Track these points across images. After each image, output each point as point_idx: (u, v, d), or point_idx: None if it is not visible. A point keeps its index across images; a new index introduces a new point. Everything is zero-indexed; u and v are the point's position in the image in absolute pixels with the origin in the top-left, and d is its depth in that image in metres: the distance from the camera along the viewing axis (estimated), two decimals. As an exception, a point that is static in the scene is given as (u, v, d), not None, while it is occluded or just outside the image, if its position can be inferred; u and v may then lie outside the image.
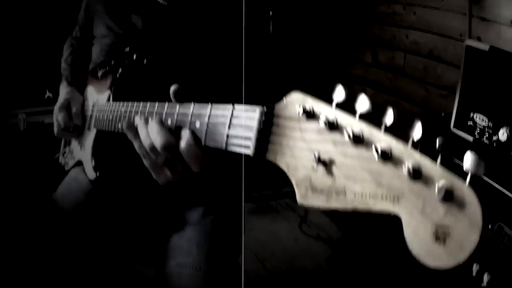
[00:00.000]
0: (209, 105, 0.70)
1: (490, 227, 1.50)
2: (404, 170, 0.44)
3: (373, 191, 0.46)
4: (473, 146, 1.66)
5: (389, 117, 0.48)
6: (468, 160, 0.43)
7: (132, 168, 1.23)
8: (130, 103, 0.96)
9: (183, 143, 0.72)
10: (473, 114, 1.67)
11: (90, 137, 1.21)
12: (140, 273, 1.40)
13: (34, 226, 1.18)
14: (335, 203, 0.49)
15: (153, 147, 0.76)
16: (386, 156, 0.45)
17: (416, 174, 0.43)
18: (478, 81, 1.68)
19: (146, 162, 0.80)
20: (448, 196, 0.42)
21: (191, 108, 0.74)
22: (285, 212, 2.86)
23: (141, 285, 1.47)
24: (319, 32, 3.19)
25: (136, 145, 0.81)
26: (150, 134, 0.77)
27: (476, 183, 0.43)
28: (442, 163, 0.44)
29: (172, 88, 0.78)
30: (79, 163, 1.32)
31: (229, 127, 0.64)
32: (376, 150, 0.46)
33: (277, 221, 2.76)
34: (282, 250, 2.46)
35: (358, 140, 0.48)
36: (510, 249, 1.43)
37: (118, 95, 1.14)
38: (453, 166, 0.44)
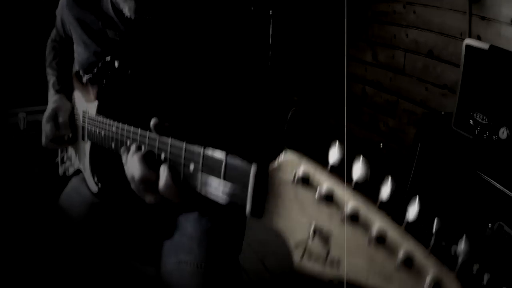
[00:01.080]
0: (201, 149, 0.69)
1: (490, 226, 1.50)
2: (398, 257, 0.44)
3: (365, 270, 0.47)
4: (473, 145, 1.66)
5: (386, 190, 0.47)
6: (460, 247, 0.46)
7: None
8: (120, 125, 0.95)
9: (161, 183, 0.76)
10: (473, 113, 1.67)
11: (86, 148, 1.19)
12: (141, 272, 1.40)
13: (34, 227, 1.19)
14: (329, 274, 0.50)
15: (131, 178, 0.81)
16: (380, 240, 0.46)
17: (408, 262, 0.44)
18: (478, 80, 1.68)
19: (132, 185, 0.85)
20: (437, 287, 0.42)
21: (183, 149, 0.73)
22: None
23: (142, 284, 1.47)
24: (319, 32, 3.19)
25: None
26: (129, 167, 0.81)
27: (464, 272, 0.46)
28: (434, 249, 0.45)
29: (152, 122, 0.80)
30: (78, 172, 1.31)
31: (224, 177, 0.63)
32: (372, 234, 0.46)
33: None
34: (282, 248, 2.46)
35: (354, 218, 0.47)
36: (510, 249, 1.43)
37: (104, 107, 1.12)
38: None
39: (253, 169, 0.58)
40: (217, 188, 0.65)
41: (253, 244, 2.40)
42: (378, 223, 0.46)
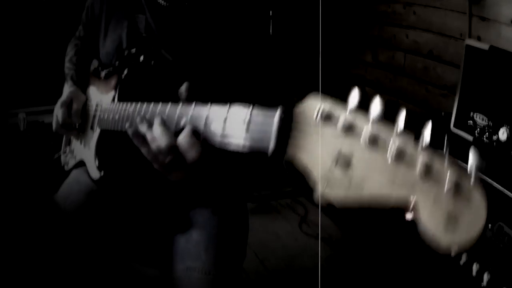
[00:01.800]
0: (227, 106, 0.71)
1: (490, 227, 1.50)
2: (416, 169, 0.49)
3: (388, 187, 0.50)
4: (473, 146, 1.66)
5: (402, 119, 0.52)
6: (472, 157, 0.48)
7: (136, 168, 1.23)
8: (138, 104, 0.96)
9: (181, 136, 0.76)
10: (473, 113, 1.67)
11: (93, 137, 1.21)
12: (142, 273, 1.40)
13: (34, 227, 1.18)
14: (353, 197, 0.53)
15: (159, 150, 0.79)
16: (399, 156, 0.50)
17: (428, 171, 0.48)
18: (478, 81, 1.68)
19: (156, 165, 0.83)
20: (457, 189, 0.47)
21: (207, 109, 0.75)
22: (285, 212, 2.86)
23: (143, 285, 1.47)
24: (319, 32, 3.19)
25: (143, 151, 0.83)
26: (156, 137, 0.80)
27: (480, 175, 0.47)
28: (448, 159, 0.49)
29: (183, 87, 0.80)
30: (79, 164, 1.31)
31: (247, 130, 0.66)
32: (391, 152, 0.50)
33: (277, 221, 2.76)
34: (282, 249, 2.47)
35: (373, 142, 0.52)
36: (510, 249, 1.43)
37: (123, 96, 1.14)
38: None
39: (278, 111, 0.62)
40: (240, 137, 0.67)
41: (253, 244, 2.40)
42: (396, 142, 0.50)
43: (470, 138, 1.68)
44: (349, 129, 0.54)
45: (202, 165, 0.80)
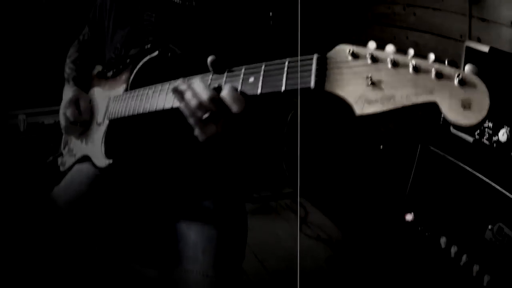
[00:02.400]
0: (262, 64, 0.82)
1: (490, 228, 1.50)
2: (432, 74, 0.67)
3: (414, 91, 0.67)
4: (473, 147, 1.66)
5: (411, 52, 0.69)
6: (468, 66, 0.66)
7: (142, 158, 1.24)
8: (159, 84, 1.00)
9: (224, 91, 0.83)
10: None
11: (100, 129, 1.23)
12: (141, 274, 1.40)
13: (34, 226, 1.18)
14: (388, 105, 0.69)
15: (199, 103, 0.85)
16: (417, 69, 0.68)
17: (440, 75, 0.67)
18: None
19: (191, 120, 0.88)
20: (463, 82, 0.65)
21: (241, 70, 0.85)
22: (285, 213, 2.86)
23: (142, 285, 1.47)
24: (319, 32, 3.19)
25: (182, 105, 0.88)
26: (197, 92, 0.85)
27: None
28: (452, 63, 0.67)
29: (210, 58, 0.86)
30: (80, 160, 1.32)
31: (287, 72, 0.78)
32: (412, 66, 0.68)
33: (277, 222, 2.76)
34: (282, 250, 2.46)
35: (396, 64, 0.69)
36: (510, 250, 1.43)
37: (135, 87, 1.15)
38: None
39: (315, 55, 0.76)
40: (281, 79, 0.79)
41: (252, 246, 2.40)
42: (413, 60, 0.68)
43: (470, 139, 1.69)
44: (375, 59, 0.71)
45: (241, 118, 0.86)
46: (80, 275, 1.14)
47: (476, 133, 1.66)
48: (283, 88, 0.78)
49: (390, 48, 0.71)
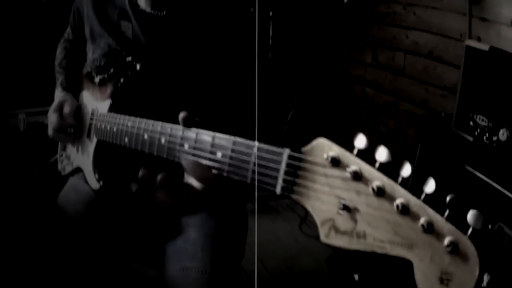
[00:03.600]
0: (232, 139, 0.72)
1: (490, 227, 1.50)
2: (419, 224, 0.52)
3: (391, 238, 0.54)
4: (473, 147, 1.66)
5: (406, 171, 0.55)
6: (471, 216, 0.53)
7: (134, 175, 1.23)
8: (138, 120, 0.96)
9: (187, 177, 0.79)
10: (473, 114, 1.67)
11: (91, 146, 1.20)
12: (142, 274, 1.40)
13: (34, 228, 1.18)
14: (356, 245, 0.57)
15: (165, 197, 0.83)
16: (405, 210, 0.53)
17: (429, 228, 0.52)
18: (478, 82, 1.68)
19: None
20: (454, 249, 0.51)
21: (211, 138, 0.76)
22: (285, 212, 2.86)
23: (142, 285, 1.47)
24: (319, 32, 3.19)
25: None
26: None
27: (476, 236, 0.52)
28: (448, 218, 0.53)
29: (181, 115, 0.80)
30: (77, 170, 1.31)
31: (254, 164, 0.67)
32: (397, 206, 0.53)
33: (277, 221, 2.76)
34: (282, 250, 2.46)
35: (380, 193, 0.55)
36: (510, 249, 1.43)
37: (119, 106, 1.13)
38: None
39: (285, 152, 0.63)
40: (246, 170, 0.69)
41: (252, 245, 2.40)
42: (402, 196, 0.54)
43: (470, 138, 1.68)
44: (357, 176, 0.56)
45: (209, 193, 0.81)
46: (79, 275, 1.14)
47: (476, 132, 1.66)
48: (249, 181, 0.69)
49: (381, 154, 0.56)
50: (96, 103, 1.21)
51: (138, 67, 1.13)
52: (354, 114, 3.09)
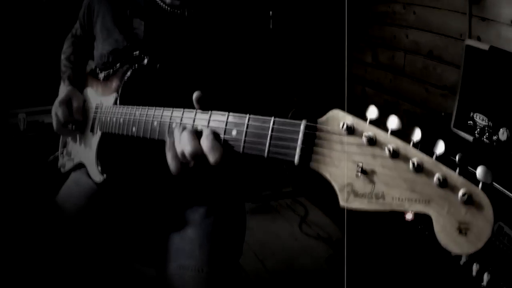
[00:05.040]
0: (247, 116, 0.74)
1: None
2: (434, 180, 0.56)
3: (408, 196, 0.57)
4: (473, 146, 1.66)
5: (417, 135, 0.59)
6: (480, 171, 0.56)
7: (137, 169, 1.23)
8: (147, 108, 0.95)
9: (204, 139, 0.77)
10: (473, 113, 1.67)
11: (94, 139, 1.20)
12: (141, 273, 1.40)
13: (34, 228, 1.18)
14: (375, 206, 0.59)
15: (182, 155, 0.80)
16: (419, 168, 0.56)
17: (444, 183, 0.55)
18: (478, 81, 1.68)
19: (169, 157, 0.84)
20: (468, 200, 0.54)
21: (225, 117, 0.77)
22: (285, 212, 2.86)
23: (142, 285, 1.47)
24: (319, 32, 3.19)
25: (168, 153, 0.84)
26: (181, 144, 0.80)
27: (488, 189, 0.55)
28: (461, 173, 0.56)
29: (195, 95, 0.80)
30: (78, 166, 1.31)
31: (271, 138, 0.69)
32: (413, 163, 0.56)
33: (277, 221, 2.76)
34: (282, 250, 2.46)
35: (395, 155, 0.58)
36: (510, 249, 1.43)
37: (126, 99, 1.13)
38: (465, 172, 0.56)
39: (303, 123, 0.66)
40: (263, 144, 0.70)
41: (252, 245, 2.40)
42: (416, 156, 0.57)
43: (470, 138, 1.68)
44: (372, 141, 0.60)
45: (223, 166, 0.81)
46: (79, 275, 1.14)
47: (476, 132, 1.66)
48: (265, 155, 0.70)
49: (393, 122, 0.60)
50: (100, 98, 1.21)
51: (145, 61, 1.13)
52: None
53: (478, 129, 1.65)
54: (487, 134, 1.62)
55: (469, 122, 1.69)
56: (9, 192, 2.14)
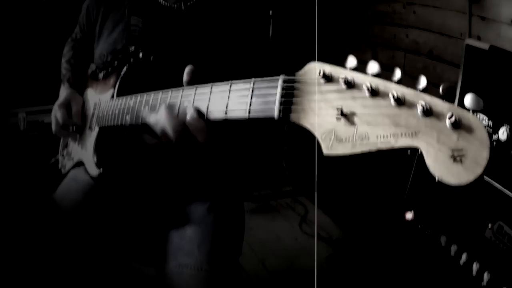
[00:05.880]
0: (229, 83, 0.75)
1: (490, 226, 1.50)
2: (418, 110, 0.52)
3: (393, 131, 0.54)
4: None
5: (397, 75, 0.57)
6: (468, 98, 0.52)
7: (134, 165, 1.23)
8: (138, 95, 0.97)
9: (188, 117, 0.79)
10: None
11: (92, 135, 1.21)
12: (141, 273, 1.40)
13: (33, 226, 1.18)
14: (360, 148, 0.57)
15: (163, 133, 0.83)
16: (400, 101, 0.54)
17: (428, 111, 0.52)
18: (478, 80, 1.68)
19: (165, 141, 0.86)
20: (457, 124, 0.50)
21: (209, 88, 0.79)
22: (285, 212, 2.86)
23: (142, 284, 1.47)
24: (319, 32, 3.19)
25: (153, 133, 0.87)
26: (159, 122, 0.83)
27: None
28: (446, 99, 0.53)
29: (188, 68, 0.83)
30: (78, 164, 1.31)
31: (251, 97, 0.69)
32: (393, 96, 0.54)
33: (277, 221, 2.76)
34: (282, 249, 2.46)
35: (374, 93, 0.56)
36: (510, 249, 1.43)
37: (122, 92, 1.14)
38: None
39: (280, 78, 0.65)
40: (244, 108, 0.70)
41: (253, 244, 2.40)
42: (395, 89, 0.55)
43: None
44: (351, 84, 0.58)
45: (211, 142, 0.82)
46: (79, 275, 1.14)
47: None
48: (247, 114, 0.70)
49: (372, 67, 0.58)
50: (99, 96, 1.22)
51: (140, 55, 1.14)
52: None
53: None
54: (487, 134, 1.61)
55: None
56: (9, 192, 2.14)
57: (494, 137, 1.59)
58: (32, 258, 1.11)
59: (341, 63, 0.64)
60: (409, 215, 1.83)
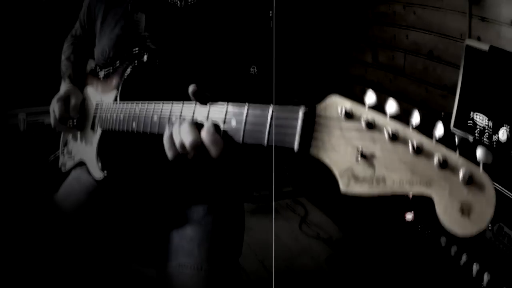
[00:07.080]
0: (246, 105, 0.73)
1: (490, 227, 1.50)
2: (434, 161, 0.55)
3: (409, 178, 0.56)
4: (473, 146, 1.66)
5: (415, 118, 0.58)
6: (480, 152, 0.55)
7: (137, 167, 1.23)
8: (146, 103, 0.95)
9: (204, 132, 0.77)
10: (473, 114, 1.67)
11: (95, 137, 1.20)
12: (142, 274, 1.40)
13: (35, 227, 1.18)
14: (377, 190, 0.58)
15: (181, 146, 0.81)
16: (419, 150, 0.56)
17: (444, 164, 0.54)
18: (478, 81, 1.68)
19: (167, 149, 0.84)
20: (470, 180, 0.53)
21: (225, 108, 0.77)
22: (285, 212, 2.86)
23: (142, 285, 1.47)
24: (320, 32, 3.19)
25: (167, 147, 0.84)
26: (181, 135, 0.80)
27: (488, 169, 0.55)
28: (461, 154, 0.55)
29: (191, 89, 0.80)
30: (79, 164, 1.31)
31: (270, 125, 0.69)
32: (412, 145, 0.56)
33: (277, 221, 2.76)
34: (282, 250, 2.46)
35: (394, 137, 0.57)
36: (510, 249, 1.43)
37: (125, 95, 1.13)
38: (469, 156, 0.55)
39: (301, 109, 0.65)
40: (263, 133, 0.70)
41: (253, 245, 2.40)
42: (415, 138, 0.56)
43: (470, 138, 1.68)
44: (371, 125, 0.59)
45: (224, 159, 0.81)
46: (79, 275, 1.14)
47: (476, 132, 1.66)
48: (265, 143, 0.70)
49: (391, 107, 0.60)
50: (101, 96, 1.21)
51: (145, 58, 1.13)
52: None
53: (478, 129, 1.65)
54: (487, 134, 1.62)
55: (469, 122, 1.69)
56: (9, 192, 2.14)
57: (494, 137, 1.59)
58: (33, 258, 1.11)
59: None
60: (409, 216, 1.83)
